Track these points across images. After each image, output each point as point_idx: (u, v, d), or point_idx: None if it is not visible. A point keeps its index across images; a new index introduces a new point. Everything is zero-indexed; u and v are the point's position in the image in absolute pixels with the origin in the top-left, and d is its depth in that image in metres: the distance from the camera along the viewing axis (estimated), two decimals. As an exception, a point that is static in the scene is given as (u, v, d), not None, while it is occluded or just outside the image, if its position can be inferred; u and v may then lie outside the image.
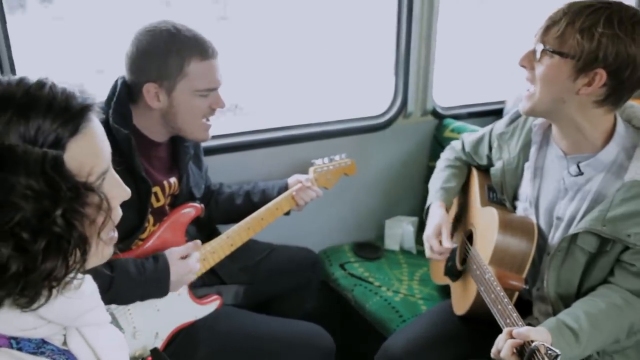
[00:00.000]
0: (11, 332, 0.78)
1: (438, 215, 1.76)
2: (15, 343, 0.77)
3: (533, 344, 1.14)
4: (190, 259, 1.60)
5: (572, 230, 1.43)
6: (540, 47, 1.36)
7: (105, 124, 1.47)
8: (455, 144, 2.00)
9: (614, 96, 1.35)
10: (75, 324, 0.86)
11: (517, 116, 1.70)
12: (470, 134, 1.94)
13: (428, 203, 1.86)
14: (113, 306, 1.52)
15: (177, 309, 1.65)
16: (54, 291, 0.78)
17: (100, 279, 0.94)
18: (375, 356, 1.74)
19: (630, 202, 1.34)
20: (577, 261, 1.44)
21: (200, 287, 1.79)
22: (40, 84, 0.76)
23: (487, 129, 1.85)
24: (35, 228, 0.72)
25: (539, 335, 1.21)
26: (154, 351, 1.56)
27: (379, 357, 1.73)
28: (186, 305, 1.67)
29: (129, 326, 1.55)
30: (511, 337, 1.22)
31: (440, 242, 1.69)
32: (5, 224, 0.70)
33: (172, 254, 1.57)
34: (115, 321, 1.52)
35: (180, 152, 1.72)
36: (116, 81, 1.58)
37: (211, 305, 1.70)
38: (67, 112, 0.76)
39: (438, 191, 1.86)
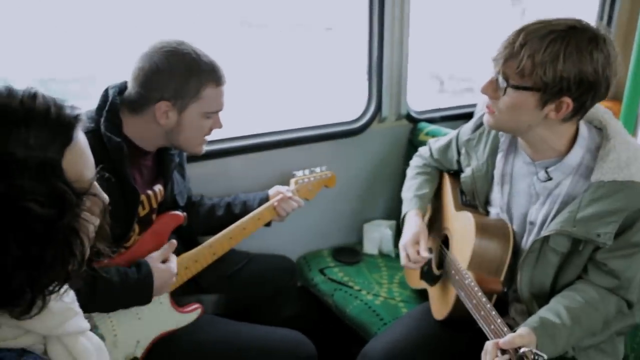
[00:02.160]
0: None
1: (415, 224, 1.76)
2: None
3: (521, 351, 1.17)
4: (171, 263, 1.61)
5: (544, 233, 1.46)
6: (503, 83, 1.36)
7: (96, 132, 1.49)
8: (423, 151, 2.01)
9: (580, 113, 1.39)
10: (55, 333, 0.86)
11: (481, 122, 1.70)
12: (437, 140, 1.96)
13: (403, 212, 1.87)
14: (94, 314, 1.52)
15: (158, 317, 1.65)
16: (48, 299, 0.79)
17: (84, 288, 0.94)
18: None
19: (598, 202, 1.38)
20: (549, 262, 1.47)
21: (181, 295, 1.79)
22: (32, 95, 0.78)
23: (453, 134, 1.87)
24: (44, 237, 0.73)
25: (524, 339, 1.24)
26: (135, 361, 1.56)
27: None
28: (168, 314, 1.67)
29: (110, 334, 1.55)
30: (498, 348, 1.24)
31: (418, 251, 1.70)
32: (15, 233, 0.71)
33: (153, 260, 1.58)
34: (96, 329, 1.52)
35: (165, 160, 1.74)
36: (106, 90, 1.59)
37: (193, 314, 1.70)
38: (61, 122, 0.78)
39: (412, 199, 1.86)
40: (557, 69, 1.28)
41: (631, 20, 2.81)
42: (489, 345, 1.27)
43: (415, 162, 2.03)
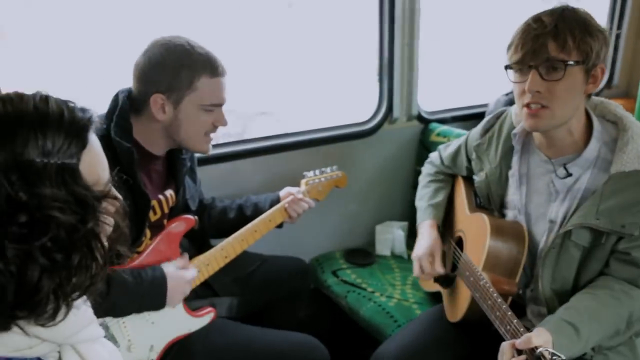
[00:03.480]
0: (6, 353, 0.78)
1: (430, 237, 1.76)
2: None
3: (537, 351, 1.14)
4: (187, 271, 1.61)
5: (565, 227, 1.44)
6: (559, 65, 1.35)
7: (106, 137, 1.49)
8: (434, 158, 2.01)
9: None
10: (70, 342, 0.86)
11: (490, 125, 1.71)
12: (446, 147, 1.95)
13: (418, 221, 1.86)
14: (108, 319, 1.52)
15: (171, 322, 1.64)
16: (72, 304, 0.79)
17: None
18: None
19: (621, 193, 1.37)
20: (571, 257, 1.46)
21: (194, 299, 1.79)
22: (43, 98, 0.76)
23: (462, 140, 1.86)
24: (68, 244, 0.73)
25: (540, 339, 1.21)
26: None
27: None
28: (181, 318, 1.66)
29: (123, 339, 1.55)
30: (515, 349, 1.22)
31: (431, 264, 1.71)
32: (40, 241, 0.71)
33: (167, 266, 1.58)
34: (110, 334, 1.52)
35: (177, 164, 1.74)
36: (117, 94, 1.60)
37: (205, 317, 1.70)
38: (75, 126, 0.77)
39: (427, 209, 1.86)
40: (593, 35, 1.35)
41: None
42: (505, 345, 1.25)
43: (427, 169, 2.02)
